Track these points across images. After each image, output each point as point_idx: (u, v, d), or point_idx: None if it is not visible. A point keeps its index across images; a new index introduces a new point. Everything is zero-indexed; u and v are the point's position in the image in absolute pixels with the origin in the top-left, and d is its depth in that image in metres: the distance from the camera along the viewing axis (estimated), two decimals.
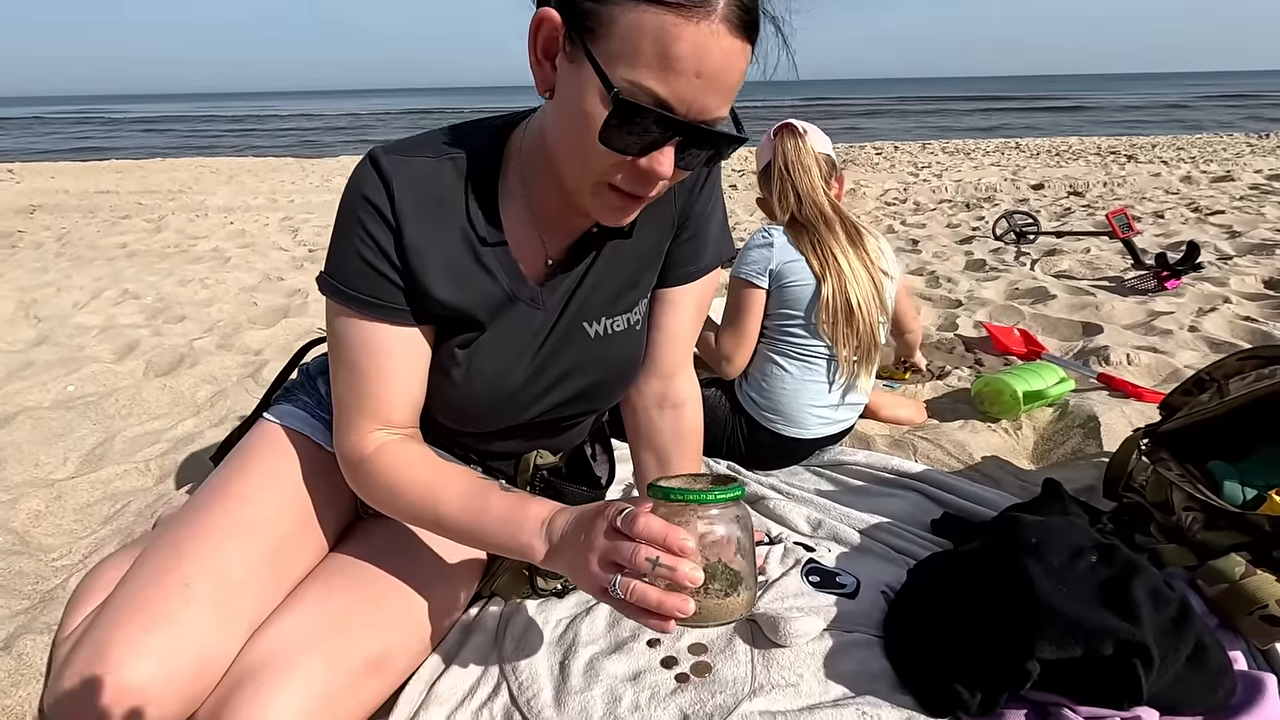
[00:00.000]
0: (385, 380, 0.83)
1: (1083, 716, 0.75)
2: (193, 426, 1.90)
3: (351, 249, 0.78)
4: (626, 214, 0.74)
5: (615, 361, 0.90)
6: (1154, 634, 0.72)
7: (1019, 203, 5.75)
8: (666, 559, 0.60)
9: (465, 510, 0.79)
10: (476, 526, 0.79)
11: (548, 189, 0.80)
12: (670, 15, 0.60)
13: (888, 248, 1.60)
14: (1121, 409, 1.65)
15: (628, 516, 0.63)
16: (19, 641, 1.02)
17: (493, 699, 0.92)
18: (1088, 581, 0.79)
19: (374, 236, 0.78)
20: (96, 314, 3.06)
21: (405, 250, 0.78)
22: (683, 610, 0.61)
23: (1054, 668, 0.75)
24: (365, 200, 0.77)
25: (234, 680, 0.79)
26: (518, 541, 0.76)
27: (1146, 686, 0.70)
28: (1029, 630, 0.76)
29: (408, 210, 0.77)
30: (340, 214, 0.79)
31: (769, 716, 0.84)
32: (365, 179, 0.77)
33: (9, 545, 1.34)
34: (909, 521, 1.28)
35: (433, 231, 0.79)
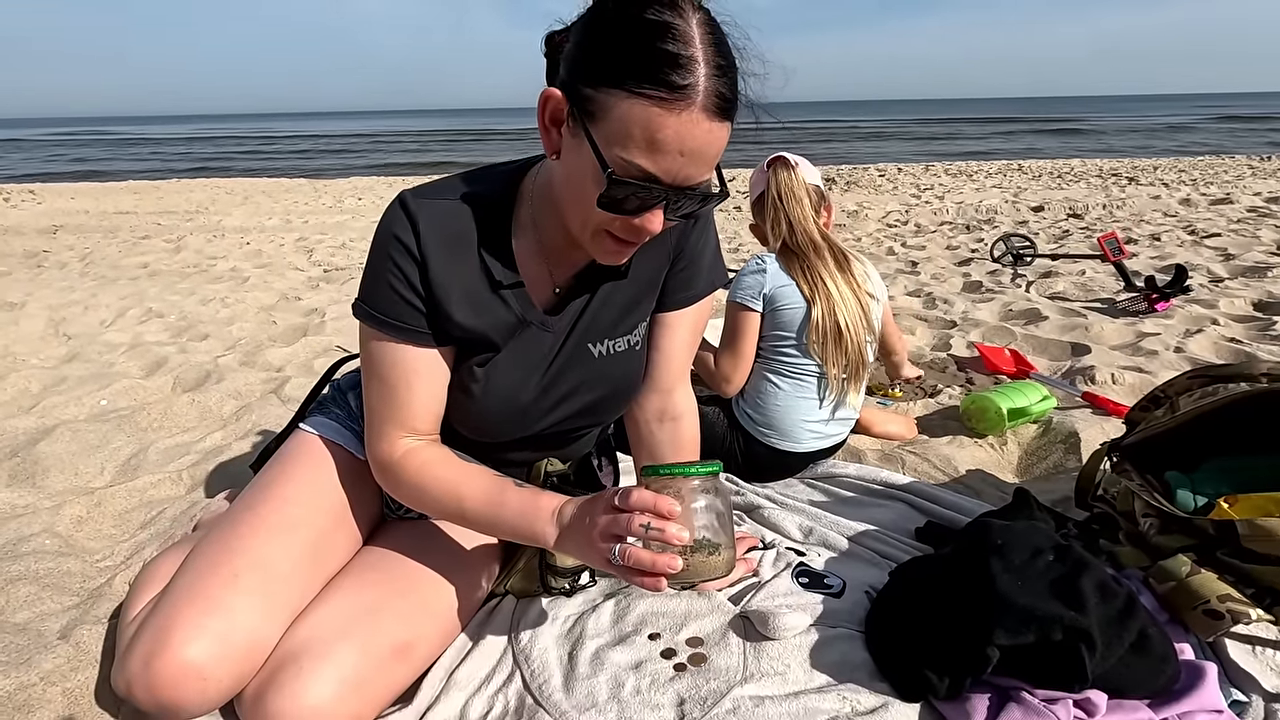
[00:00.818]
0: (411, 394, 0.93)
1: (1039, 698, 0.84)
2: (220, 439, 2.01)
3: (383, 280, 0.89)
4: (622, 256, 0.86)
5: (617, 379, 1.01)
6: (1099, 622, 0.81)
7: (1019, 225, 5.86)
8: (656, 521, 0.73)
9: (486, 504, 0.90)
10: (496, 518, 0.90)
11: (555, 228, 0.91)
12: (655, 108, 0.71)
13: (874, 272, 1.70)
14: (1102, 425, 1.74)
15: (623, 493, 0.75)
16: (75, 631, 1.12)
17: (507, 685, 1.01)
18: (1043, 577, 0.88)
19: (402, 270, 0.89)
20: (124, 332, 3.19)
21: (430, 282, 0.89)
22: (672, 567, 0.73)
23: (1011, 654, 0.84)
24: (395, 239, 0.88)
25: (277, 662, 0.89)
26: (532, 530, 0.87)
27: (1090, 668, 0.79)
28: (988, 620, 0.85)
29: (432, 247, 0.88)
30: (373, 250, 0.90)
31: (758, 700, 0.93)
32: (395, 219, 0.89)
33: (56, 548, 1.45)
34: (895, 529, 1.37)
35: (454, 265, 0.90)
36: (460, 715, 0.96)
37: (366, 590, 0.98)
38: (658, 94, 0.70)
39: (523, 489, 0.90)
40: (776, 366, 1.63)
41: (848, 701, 0.93)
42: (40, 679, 1.04)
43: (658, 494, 0.75)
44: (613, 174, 0.74)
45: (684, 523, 0.75)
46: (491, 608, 1.16)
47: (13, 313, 3.56)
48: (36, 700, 1.01)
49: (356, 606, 0.96)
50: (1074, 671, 0.80)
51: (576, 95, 0.76)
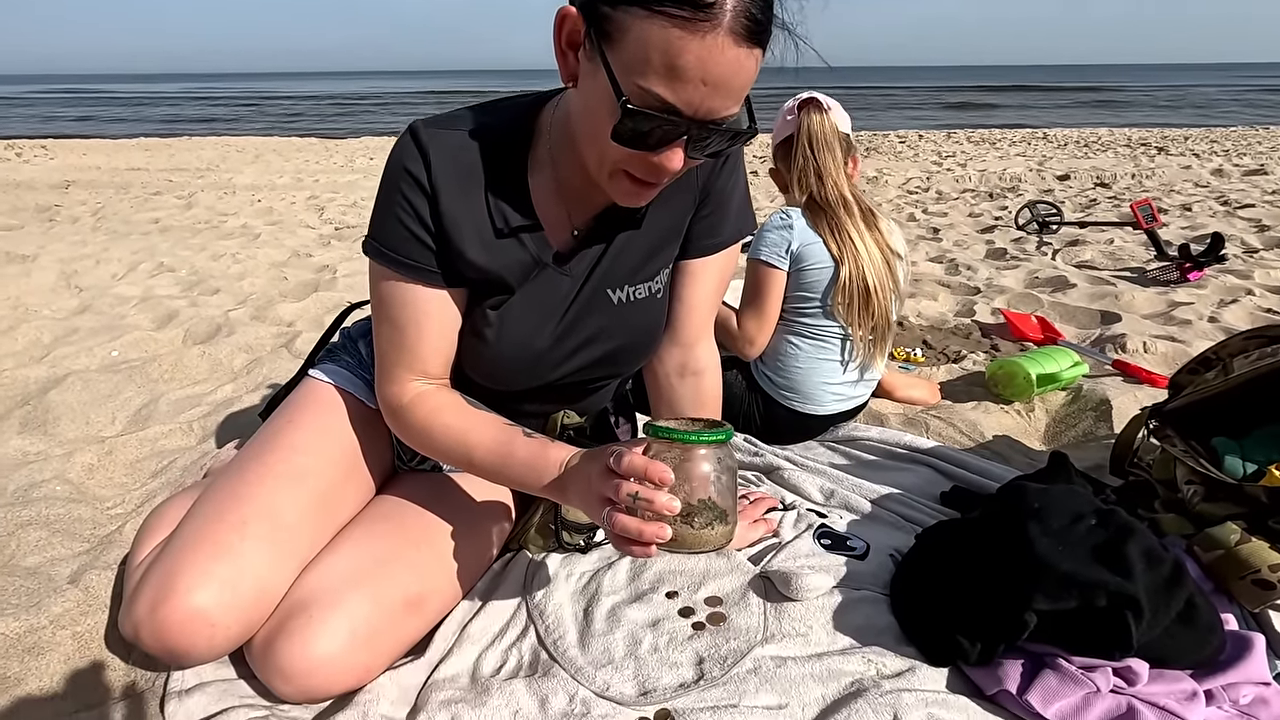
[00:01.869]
0: (421, 337, 0.89)
1: (1076, 666, 0.80)
2: (231, 391, 1.98)
3: (393, 216, 0.84)
4: (641, 199, 0.79)
5: (637, 328, 0.96)
6: (1146, 589, 0.77)
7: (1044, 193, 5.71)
8: (645, 491, 0.67)
9: (494, 453, 0.86)
10: (504, 467, 0.86)
11: (574, 165, 0.85)
12: (676, 29, 0.63)
13: (896, 230, 1.62)
14: (1134, 394, 1.68)
15: (617, 455, 0.70)
16: (85, 576, 1.11)
17: (521, 639, 0.98)
18: (1085, 542, 0.84)
19: (413, 205, 0.83)
20: (135, 285, 3.17)
21: (441, 217, 0.83)
22: (660, 536, 0.68)
23: (1049, 620, 0.80)
24: (405, 171, 0.83)
25: (286, 611, 0.86)
26: (540, 482, 0.83)
27: (1136, 636, 0.75)
28: (1026, 584, 0.81)
29: (444, 180, 0.83)
30: (383, 183, 0.85)
31: (779, 661, 0.90)
32: (405, 150, 0.83)
33: (67, 494, 1.43)
34: (919, 494, 1.32)
35: (467, 201, 0.84)
36: (473, 669, 0.94)
37: (378, 541, 0.96)
38: (679, 13, 0.63)
39: (532, 439, 0.86)
40: (798, 328, 1.57)
41: (873, 664, 0.90)
42: (50, 622, 1.03)
43: (651, 459, 0.69)
44: (628, 104, 0.67)
45: (680, 491, 0.69)
46: (505, 562, 1.14)
47: (25, 265, 3.55)
48: (47, 643, 1.00)
49: (367, 557, 0.93)
50: (1117, 639, 0.76)
51: (594, 14, 0.69)
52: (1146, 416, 1.18)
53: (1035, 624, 0.79)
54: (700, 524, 0.70)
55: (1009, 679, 0.82)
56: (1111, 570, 0.79)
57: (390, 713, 0.87)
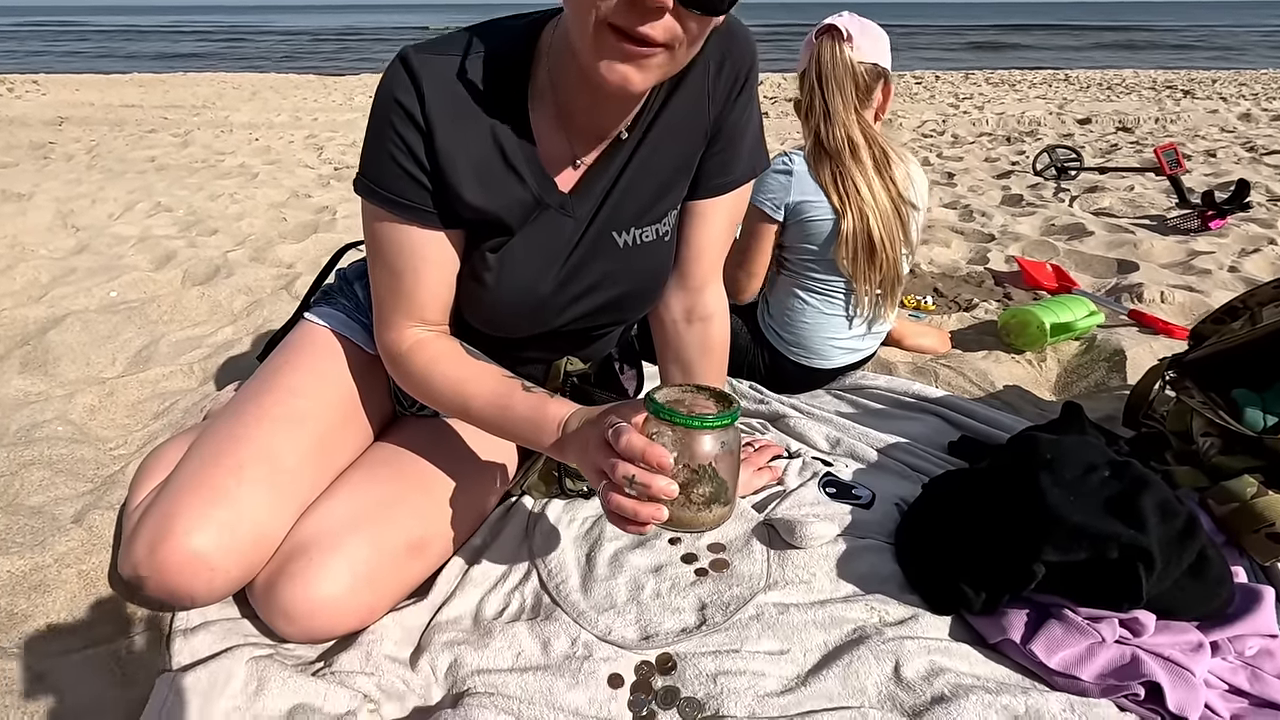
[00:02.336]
0: (419, 281, 0.85)
1: (1082, 617, 0.79)
2: (231, 334, 1.96)
3: (384, 152, 0.80)
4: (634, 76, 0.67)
5: (643, 272, 0.92)
6: (1159, 541, 0.75)
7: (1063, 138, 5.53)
8: (642, 476, 0.64)
9: (492, 406, 0.84)
10: (502, 421, 0.84)
11: (576, 88, 0.79)
12: None
13: (919, 176, 1.53)
14: (1150, 344, 1.64)
15: (615, 431, 0.66)
16: (88, 515, 1.11)
17: (524, 584, 0.98)
18: (1098, 493, 0.82)
19: (405, 139, 0.79)
20: (132, 225, 3.12)
21: (436, 153, 0.79)
22: (656, 518, 0.65)
23: (1057, 571, 0.79)
24: (396, 103, 0.78)
25: (287, 554, 0.86)
26: (538, 439, 0.81)
27: (1147, 589, 0.74)
28: (1036, 534, 0.79)
29: (438, 112, 0.78)
30: (373, 116, 0.80)
31: (782, 608, 0.90)
32: (396, 80, 0.78)
33: (69, 434, 1.43)
34: (927, 443, 1.31)
35: (463, 134, 0.79)
36: (475, 611, 0.94)
37: (378, 485, 0.95)
38: None
39: (531, 394, 0.82)
40: (804, 282, 1.52)
41: (875, 612, 0.90)
42: (55, 560, 1.03)
43: (650, 440, 0.64)
44: None
45: (678, 473, 0.65)
46: (508, 507, 1.13)
47: (20, 204, 3.49)
48: (52, 581, 1.01)
49: (368, 500, 0.92)
50: (1128, 592, 0.75)
51: None
52: (1164, 367, 1.15)
53: (1043, 575, 0.78)
54: (698, 505, 0.67)
55: (1013, 628, 0.81)
56: (1124, 522, 0.77)
57: (394, 653, 0.87)
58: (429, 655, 0.86)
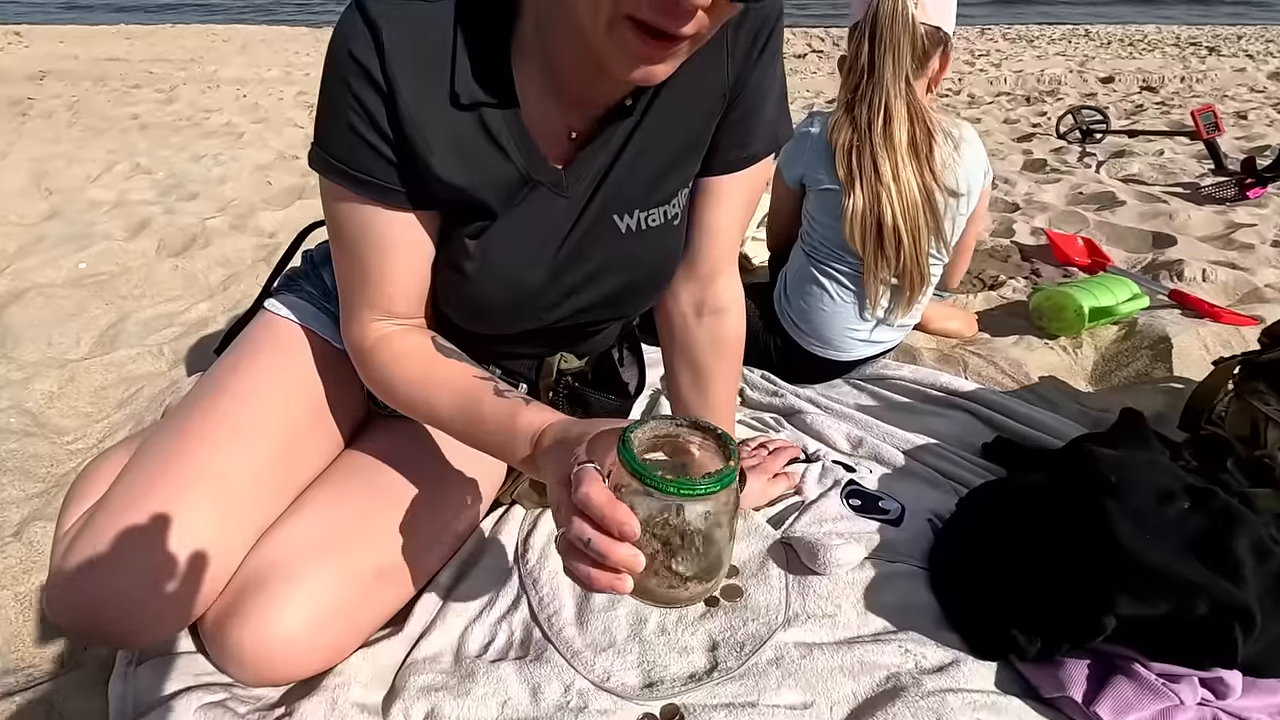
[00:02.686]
0: (385, 270, 0.72)
1: (1155, 674, 0.69)
2: (206, 310, 1.84)
3: (340, 118, 0.66)
4: (654, 68, 0.56)
5: (649, 262, 0.78)
6: (1258, 596, 0.64)
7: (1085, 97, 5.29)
8: (600, 543, 0.48)
9: (459, 412, 0.71)
10: (471, 431, 0.71)
11: (570, 45, 0.65)
12: None
13: (972, 156, 1.32)
14: (1196, 330, 1.51)
15: (578, 476, 0.51)
16: (30, 528, 1.00)
17: (512, 612, 0.88)
18: (1178, 529, 0.70)
19: (363, 103, 0.65)
20: (108, 189, 2.96)
21: (400, 120, 0.65)
22: (616, 589, 0.50)
23: (1130, 621, 0.68)
24: (351, 59, 0.63)
25: (240, 587, 0.75)
26: (511, 455, 0.67)
27: (1242, 652, 0.63)
28: (1107, 580, 0.68)
29: (401, 71, 0.63)
30: (325, 74, 0.66)
31: (804, 650, 0.79)
32: (351, 31, 0.63)
33: (23, 427, 1.32)
34: (957, 444, 1.19)
35: (432, 97, 0.65)
36: (457, 646, 0.84)
37: (346, 503, 0.83)
38: None
39: (502, 402, 0.68)
40: (823, 265, 1.38)
41: (910, 655, 0.79)
42: None
43: (612, 500, 0.49)
44: None
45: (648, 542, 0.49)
46: (498, 517, 1.02)
47: None
48: None
49: (333, 522, 0.81)
50: (1215, 651, 0.64)
51: None
52: (1233, 365, 1.03)
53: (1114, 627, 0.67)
54: (675, 579, 0.51)
55: (1073, 683, 0.70)
56: (1214, 569, 0.66)
57: (363, 698, 0.77)
58: (403, 702, 0.76)
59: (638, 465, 0.48)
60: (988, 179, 1.39)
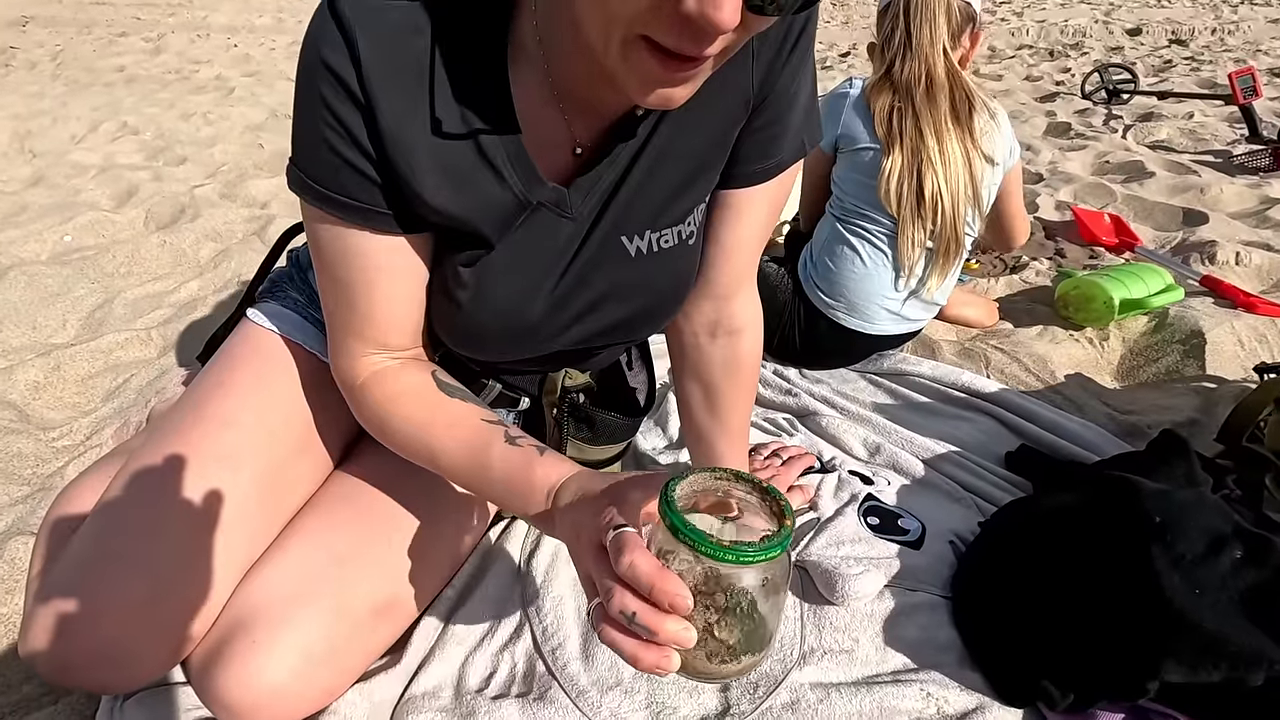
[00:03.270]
0: (374, 300, 0.66)
1: None
2: (196, 290, 1.77)
3: (316, 134, 0.58)
4: (673, 92, 0.48)
5: (660, 287, 0.71)
6: None
7: (1111, 51, 5.08)
8: (646, 617, 0.43)
9: (465, 461, 0.65)
10: (478, 482, 0.66)
11: (574, 50, 0.57)
12: None
13: (1005, 126, 1.33)
14: (1232, 324, 1.44)
15: (617, 543, 0.45)
16: (10, 545, 0.96)
17: (514, 642, 0.84)
18: (1230, 585, 0.65)
19: (339, 118, 0.57)
20: (94, 151, 2.85)
21: (382, 138, 0.57)
22: (662, 668, 0.45)
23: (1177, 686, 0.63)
24: (325, 67, 0.55)
25: (225, 631, 0.71)
26: (523, 509, 0.62)
27: None
28: (1155, 642, 0.63)
29: (380, 80, 0.55)
30: (299, 83, 0.58)
31: (821, 692, 0.76)
32: (323, 35, 0.55)
33: (7, 422, 1.27)
34: (980, 451, 1.14)
35: (417, 113, 0.57)
36: (457, 680, 0.80)
37: (337, 533, 0.78)
38: None
39: (514, 448, 0.63)
40: (853, 226, 1.33)
41: (932, 700, 0.75)
42: None
43: (661, 569, 0.43)
44: None
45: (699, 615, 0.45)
46: (499, 532, 0.98)
47: None
48: None
49: (324, 556, 0.76)
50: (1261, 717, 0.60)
51: None
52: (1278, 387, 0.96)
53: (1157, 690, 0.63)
54: (723, 653, 0.46)
55: None
56: (1273, 635, 0.61)
57: None
58: None
59: (688, 529, 0.43)
60: (1014, 156, 1.38)
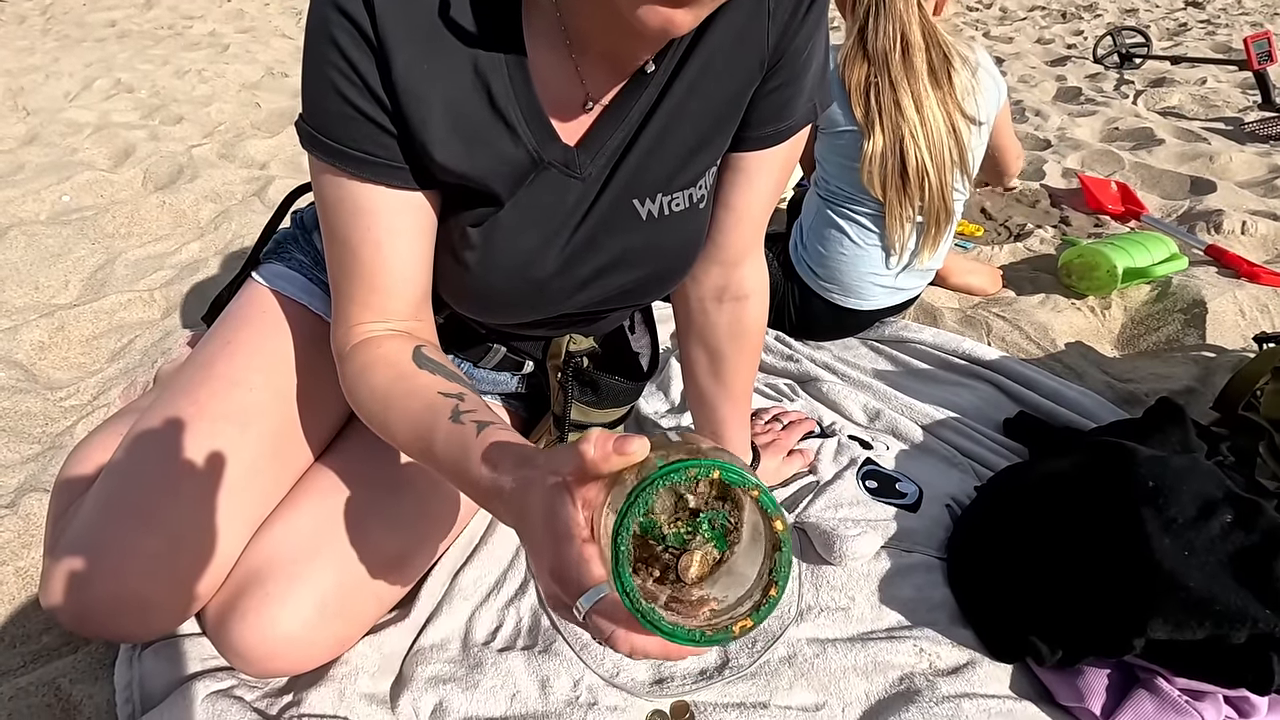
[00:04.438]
0: (383, 262, 0.64)
1: (1178, 689, 0.67)
2: (197, 251, 1.76)
3: (326, 84, 0.57)
4: (677, 18, 0.48)
5: (670, 251, 0.71)
6: None
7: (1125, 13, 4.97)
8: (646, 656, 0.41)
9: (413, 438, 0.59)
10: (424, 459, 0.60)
11: (588, 3, 0.57)
12: None
13: (989, 81, 1.28)
14: (1234, 293, 1.44)
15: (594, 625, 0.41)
16: (25, 500, 0.98)
17: (519, 597, 0.86)
18: (1220, 546, 0.67)
19: (354, 65, 0.56)
20: (89, 109, 2.81)
21: (395, 88, 0.56)
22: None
23: (1162, 643, 0.65)
24: (338, 10, 0.54)
25: (240, 584, 0.73)
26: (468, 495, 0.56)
27: (1278, 680, 0.61)
28: (1142, 601, 0.65)
29: (395, 28, 0.55)
30: (310, 32, 0.57)
31: (818, 647, 0.78)
32: None
33: (14, 382, 1.28)
34: (978, 418, 1.15)
35: (430, 62, 0.56)
36: (464, 633, 0.83)
37: (349, 489, 0.80)
38: None
39: (456, 429, 0.55)
40: (841, 208, 1.30)
41: (925, 655, 0.78)
42: None
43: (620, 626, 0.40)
44: None
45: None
46: None
47: None
48: None
49: (334, 512, 0.78)
50: (1250, 678, 0.62)
51: None
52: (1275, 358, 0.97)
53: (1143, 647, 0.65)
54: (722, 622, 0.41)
55: (1092, 694, 0.69)
56: (1257, 595, 0.63)
57: (370, 688, 0.77)
58: (411, 694, 0.76)
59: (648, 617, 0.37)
60: (1001, 100, 1.35)
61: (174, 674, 0.76)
